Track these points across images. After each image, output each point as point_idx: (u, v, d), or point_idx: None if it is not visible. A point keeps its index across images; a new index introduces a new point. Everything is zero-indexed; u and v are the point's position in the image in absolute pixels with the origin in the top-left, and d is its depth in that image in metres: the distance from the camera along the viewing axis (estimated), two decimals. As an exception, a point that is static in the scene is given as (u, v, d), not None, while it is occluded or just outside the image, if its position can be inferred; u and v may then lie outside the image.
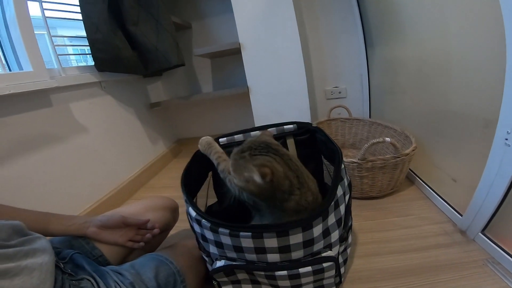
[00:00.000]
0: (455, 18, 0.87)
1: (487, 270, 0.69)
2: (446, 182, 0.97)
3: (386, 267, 0.76)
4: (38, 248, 0.48)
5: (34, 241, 0.48)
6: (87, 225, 0.66)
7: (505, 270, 0.68)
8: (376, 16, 1.45)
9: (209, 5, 1.83)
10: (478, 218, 0.77)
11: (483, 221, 0.76)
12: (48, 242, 0.51)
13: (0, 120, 0.93)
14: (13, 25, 1.03)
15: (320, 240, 0.55)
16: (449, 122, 0.95)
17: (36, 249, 0.47)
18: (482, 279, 0.67)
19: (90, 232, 0.66)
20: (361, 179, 1.02)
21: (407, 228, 0.90)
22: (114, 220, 0.69)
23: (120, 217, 0.70)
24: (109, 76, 1.45)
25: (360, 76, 1.72)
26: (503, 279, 0.65)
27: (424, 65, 1.08)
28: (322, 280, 0.59)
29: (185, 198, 0.64)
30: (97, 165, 1.33)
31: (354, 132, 1.52)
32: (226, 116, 2.09)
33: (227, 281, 0.62)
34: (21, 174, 0.98)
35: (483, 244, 0.76)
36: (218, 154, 0.75)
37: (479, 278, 0.67)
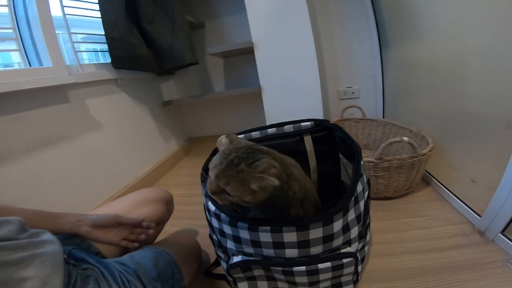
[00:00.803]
0: (472, 17, 0.86)
1: (507, 270, 0.68)
2: (465, 183, 0.96)
3: (401, 267, 0.75)
4: (47, 240, 0.48)
5: (41, 234, 0.49)
6: (80, 224, 0.64)
7: (524, 270, 0.66)
8: (391, 17, 1.44)
9: (222, 5, 1.84)
10: (498, 219, 0.76)
11: (503, 222, 0.74)
12: (52, 235, 0.51)
13: (19, 114, 0.96)
14: (35, 23, 1.06)
15: (340, 235, 0.54)
16: (468, 123, 0.94)
17: (45, 240, 0.48)
18: (501, 279, 0.66)
19: (83, 231, 0.64)
20: (376, 179, 1.01)
21: (423, 228, 0.89)
22: (106, 220, 0.67)
23: (113, 217, 0.68)
24: (124, 74, 1.47)
25: (373, 77, 1.70)
26: None
27: (441, 65, 1.07)
28: (340, 277, 0.58)
29: (204, 192, 0.64)
30: (110, 161, 1.35)
31: (368, 132, 1.51)
32: (237, 116, 2.10)
33: (243, 277, 0.61)
34: (37, 169, 0.99)
35: (503, 245, 0.75)
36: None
37: (498, 278, 0.66)
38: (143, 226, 0.73)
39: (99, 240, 0.66)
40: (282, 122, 0.88)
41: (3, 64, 1.10)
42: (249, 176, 0.52)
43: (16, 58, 1.16)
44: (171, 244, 0.73)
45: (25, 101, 0.98)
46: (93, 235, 0.65)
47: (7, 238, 0.41)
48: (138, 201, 0.79)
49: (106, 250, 0.67)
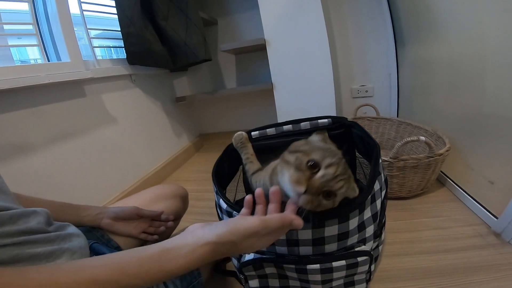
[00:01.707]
0: (492, 15, 0.83)
1: None
2: (482, 184, 0.94)
3: (415, 267, 0.74)
4: (73, 233, 0.49)
5: (66, 227, 0.50)
6: (101, 216, 0.66)
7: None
8: (408, 14, 1.41)
9: (235, 1, 1.84)
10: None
11: None
12: (77, 229, 0.52)
13: (38, 108, 0.98)
14: (54, 19, 1.08)
15: (355, 234, 0.54)
16: (487, 123, 0.91)
17: (72, 234, 0.49)
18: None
19: (104, 223, 0.65)
20: (391, 178, 1.00)
21: (438, 229, 0.88)
22: (128, 212, 0.68)
23: (134, 209, 0.69)
24: (139, 70, 1.49)
25: (388, 75, 1.67)
26: None
27: (458, 64, 1.04)
28: (353, 275, 0.58)
29: (215, 190, 0.63)
30: (124, 156, 1.37)
31: (381, 131, 1.49)
32: (249, 113, 2.10)
33: (254, 275, 0.61)
34: (53, 162, 1.02)
35: None
36: (247, 155, 0.75)
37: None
38: (162, 219, 0.74)
39: (119, 232, 0.67)
40: (298, 119, 0.87)
41: (20, 60, 1.12)
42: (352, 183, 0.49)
43: (32, 54, 1.18)
44: None
45: (44, 95, 1.00)
46: (114, 227, 0.66)
47: (36, 230, 0.41)
48: (156, 196, 0.80)
49: (124, 244, 0.67)
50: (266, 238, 0.42)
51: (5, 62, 0.97)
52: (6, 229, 0.37)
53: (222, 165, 0.77)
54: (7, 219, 0.38)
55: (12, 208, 0.40)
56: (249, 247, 0.42)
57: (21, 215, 0.41)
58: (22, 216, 0.41)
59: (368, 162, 0.73)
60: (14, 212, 0.40)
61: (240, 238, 0.40)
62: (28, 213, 0.42)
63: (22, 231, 0.39)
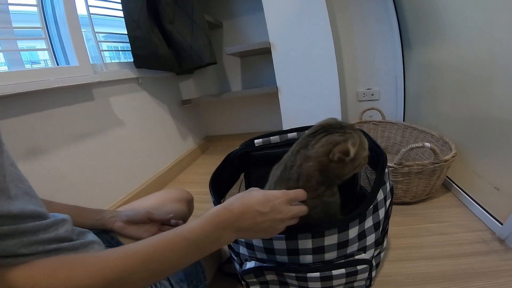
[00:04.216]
0: (500, 18, 0.82)
1: None
2: (487, 190, 0.93)
3: (417, 272, 0.74)
4: (94, 241, 0.50)
5: (86, 234, 0.51)
6: (114, 220, 0.67)
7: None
8: (415, 17, 1.40)
9: (240, 5, 1.85)
10: None
11: None
12: (95, 236, 0.53)
13: (47, 112, 1.00)
14: (63, 22, 1.10)
15: (355, 242, 0.54)
16: (494, 129, 0.90)
17: (93, 241, 0.50)
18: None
19: (117, 226, 0.67)
20: (395, 184, 0.99)
21: (441, 234, 0.87)
22: (140, 216, 0.70)
23: (146, 213, 0.70)
24: (145, 73, 1.51)
25: (394, 79, 1.66)
26: None
27: (466, 68, 1.03)
28: (353, 282, 0.59)
29: (213, 200, 0.64)
30: (131, 158, 1.39)
31: (387, 136, 1.48)
32: (254, 115, 2.10)
33: (256, 282, 0.62)
34: (62, 164, 1.04)
35: None
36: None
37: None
38: (171, 223, 0.75)
39: (130, 235, 0.68)
40: (303, 126, 0.86)
41: (30, 61, 1.15)
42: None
43: (42, 55, 1.21)
44: None
45: (54, 99, 1.02)
46: (126, 230, 0.67)
47: (64, 238, 0.43)
48: (163, 200, 0.82)
49: None
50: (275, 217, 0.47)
51: (15, 66, 0.99)
52: (38, 237, 0.38)
53: (221, 175, 0.77)
54: (42, 228, 0.39)
55: (43, 213, 0.41)
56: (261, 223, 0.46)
57: (53, 224, 0.42)
58: (54, 225, 0.42)
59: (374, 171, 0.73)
60: (48, 222, 0.41)
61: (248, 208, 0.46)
62: (58, 221, 0.43)
63: (51, 239, 0.40)
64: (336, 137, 0.53)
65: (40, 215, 0.40)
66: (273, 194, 0.48)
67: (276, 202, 0.47)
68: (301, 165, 0.55)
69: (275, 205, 0.47)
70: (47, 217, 0.42)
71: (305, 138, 0.58)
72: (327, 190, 0.56)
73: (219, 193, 0.75)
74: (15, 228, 0.34)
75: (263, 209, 0.46)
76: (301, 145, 0.58)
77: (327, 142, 0.54)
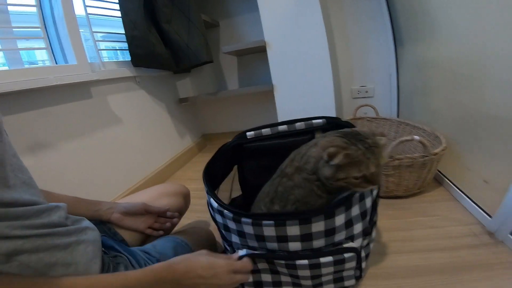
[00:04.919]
0: (491, 15, 0.83)
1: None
2: (477, 183, 0.94)
3: (408, 265, 0.75)
4: (88, 227, 0.53)
5: (82, 221, 0.53)
6: (112, 211, 0.70)
7: (533, 272, 0.65)
8: (406, 15, 1.42)
9: (236, 4, 1.87)
10: (509, 219, 0.74)
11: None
12: (90, 223, 0.55)
13: (46, 109, 1.02)
14: (61, 22, 1.12)
15: (342, 230, 0.56)
16: (484, 124, 0.92)
17: (87, 228, 0.52)
18: (508, 280, 0.65)
19: (114, 218, 0.69)
20: (387, 177, 1.01)
21: (432, 228, 0.89)
22: (137, 207, 0.72)
23: (142, 205, 0.73)
24: (143, 72, 1.53)
25: (388, 76, 1.68)
26: None
27: (458, 65, 1.05)
28: (342, 271, 0.60)
29: (206, 189, 0.66)
30: (129, 155, 1.41)
31: (381, 131, 1.50)
32: (251, 113, 2.12)
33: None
34: (61, 161, 1.06)
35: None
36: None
37: (505, 279, 0.66)
38: (167, 215, 0.78)
39: (127, 226, 0.71)
40: (293, 119, 0.89)
41: (28, 61, 1.17)
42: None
43: (40, 56, 1.23)
44: (189, 235, 0.77)
45: (53, 97, 1.04)
46: (123, 222, 0.70)
47: (57, 223, 0.45)
48: (160, 193, 0.84)
49: (129, 238, 0.71)
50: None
51: (15, 64, 1.01)
52: (30, 222, 0.40)
53: (214, 165, 0.79)
54: (33, 212, 0.42)
55: (39, 202, 0.44)
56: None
57: (46, 210, 0.44)
58: (47, 210, 0.44)
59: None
60: (40, 207, 0.43)
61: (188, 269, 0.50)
62: (51, 208, 0.46)
63: (44, 224, 0.43)
64: (340, 142, 0.55)
65: (35, 203, 0.42)
66: (218, 263, 0.53)
67: (219, 271, 0.52)
68: (310, 148, 0.62)
69: (218, 273, 0.52)
70: (41, 205, 0.44)
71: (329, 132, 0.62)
72: (317, 181, 0.59)
73: (213, 184, 0.76)
74: (6, 211, 0.37)
75: (204, 274, 0.50)
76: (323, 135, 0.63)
77: (330, 141, 0.56)
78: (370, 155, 0.54)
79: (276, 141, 0.89)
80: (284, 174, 0.65)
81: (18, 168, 0.43)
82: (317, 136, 0.88)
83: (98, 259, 0.50)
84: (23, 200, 0.40)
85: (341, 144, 0.55)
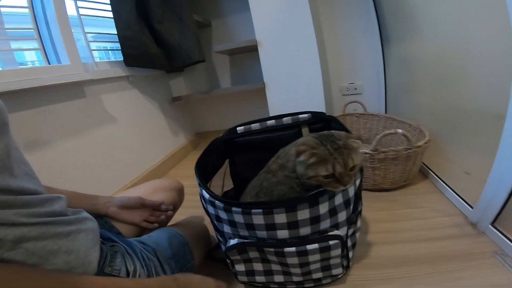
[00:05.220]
0: (473, 13, 0.87)
1: (495, 261, 0.69)
2: (459, 175, 0.98)
3: (395, 255, 0.77)
4: (87, 217, 0.55)
5: (81, 212, 0.55)
6: (108, 205, 0.72)
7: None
8: (392, 14, 1.46)
9: (228, 4, 1.90)
10: (488, 210, 0.77)
11: (493, 214, 0.76)
12: (88, 214, 0.58)
13: (42, 108, 1.04)
14: (53, 23, 1.14)
15: (327, 218, 0.59)
16: (464, 118, 0.96)
17: (86, 218, 0.55)
18: (489, 270, 0.67)
19: (111, 211, 0.71)
20: (373, 170, 1.05)
21: (418, 219, 0.91)
22: (133, 201, 0.75)
23: (138, 198, 0.76)
24: (136, 71, 1.55)
25: (376, 73, 1.72)
26: (510, 271, 0.65)
27: (440, 62, 1.09)
28: (328, 259, 0.63)
29: (198, 181, 0.68)
30: (123, 153, 1.43)
31: (369, 127, 1.54)
32: (243, 111, 2.15)
33: (240, 260, 0.66)
34: (56, 159, 1.08)
35: (493, 236, 0.76)
36: None
37: (486, 269, 0.68)
38: (162, 209, 0.81)
39: (123, 219, 0.73)
40: (280, 114, 0.92)
41: (19, 62, 1.18)
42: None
43: (30, 57, 1.24)
44: (184, 227, 0.79)
45: (47, 96, 1.06)
46: (119, 215, 0.72)
47: (59, 212, 0.48)
48: (154, 188, 0.87)
49: (125, 231, 0.73)
50: None
51: (9, 65, 1.02)
52: (35, 210, 0.43)
53: (206, 159, 0.81)
54: (38, 201, 0.44)
55: (42, 192, 0.46)
56: None
57: (49, 199, 0.47)
58: (49, 200, 0.47)
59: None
60: (43, 196, 0.46)
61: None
62: (53, 198, 0.48)
63: (48, 213, 0.45)
64: (311, 142, 0.60)
65: (37, 193, 0.45)
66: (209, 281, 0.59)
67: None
68: (292, 147, 0.66)
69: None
70: (44, 194, 0.46)
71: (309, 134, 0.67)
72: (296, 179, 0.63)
73: (205, 177, 0.79)
74: (13, 198, 0.39)
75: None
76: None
77: (304, 141, 0.60)
78: (337, 155, 0.57)
79: (265, 135, 0.92)
80: (269, 170, 0.69)
81: (20, 161, 0.46)
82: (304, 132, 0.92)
83: (98, 246, 0.52)
84: (27, 189, 0.43)
85: (312, 144, 0.59)
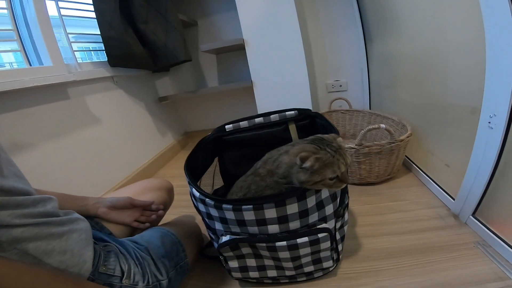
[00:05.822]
0: (449, 13, 0.90)
1: (477, 251, 0.71)
2: (440, 168, 1.02)
3: (381, 248, 0.80)
4: (79, 217, 0.55)
5: (72, 213, 0.55)
6: (98, 206, 0.72)
7: (494, 251, 0.70)
8: (373, 12, 1.50)
9: (214, 3, 1.89)
10: (468, 201, 0.80)
11: (473, 204, 0.78)
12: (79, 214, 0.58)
13: (24, 110, 1.02)
14: (34, 24, 1.11)
15: (314, 212, 0.61)
16: (442, 112, 1.00)
17: (78, 218, 0.55)
18: (472, 260, 0.69)
19: (101, 212, 0.71)
20: (358, 165, 1.08)
21: (402, 212, 0.94)
22: (123, 201, 0.74)
23: (128, 199, 0.75)
24: (121, 71, 1.52)
25: (360, 70, 1.76)
26: (492, 261, 0.68)
27: (418, 59, 1.13)
28: (319, 252, 0.64)
29: (188, 180, 0.68)
30: (110, 155, 1.41)
31: (354, 123, 1.57)
32: (231, 109, 2.15)
33: (233, 256, 0.66)
34: (41, 162, 1.05)
35: (474, 227, 0.79)
36: None
37: (468, 259, 0.70)
38: (152, 208, 0.80)
39: (114, 220, 0.73)
40: (268, 112, 0.93)
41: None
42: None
43: (7, 58, 1.20)
44: (175, 225, 0.80)
45: (30, 98, 1.03)
46: (109, 215, 0.72)
47: (52, 213, 0.48)
48: (144, 188, 0.86)
49: (116, 231, 0.73)
50: None
51: (-13, 67, 0.99)
52: (29, 211, 0.43)
53: (195, 157, 0.82)
54: (31, 202, 0.44)
55: (32, 193, 0.46)
56: None
57: (41, 200, 0.47)
58: (41, 201, 0.47)
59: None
60: (36, 197, 0.46)
61: None
62: (45, 199, 0.48)
63: (41, 213, 0.45)
64: (310, 147, 0.61)
65: (29, 193, 0.45)
66: None
67: None
68: (282, 155, 0.66)
69: None
70: (35, 195, 0.46)
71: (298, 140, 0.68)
72: (286, 184, 0.64)
73: (195, 176, 0.80)
74: (8, 199, 0.39)
75: None
76: (292, 144, 0.68)
77: (301, 148, 0.61)
78: (339, 156, 0.60)
79: (253, 133, 0.93)
80: (257, 173, 0.70)
81: (8, 162, 0.45)
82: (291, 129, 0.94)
83: (91, 246, 0.53)
84: (19, 189, 0.43)
85: (312, 150, 0.60)
